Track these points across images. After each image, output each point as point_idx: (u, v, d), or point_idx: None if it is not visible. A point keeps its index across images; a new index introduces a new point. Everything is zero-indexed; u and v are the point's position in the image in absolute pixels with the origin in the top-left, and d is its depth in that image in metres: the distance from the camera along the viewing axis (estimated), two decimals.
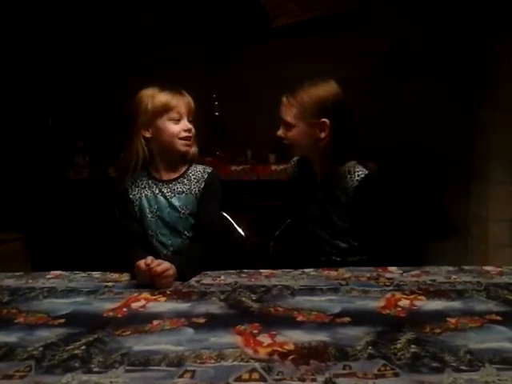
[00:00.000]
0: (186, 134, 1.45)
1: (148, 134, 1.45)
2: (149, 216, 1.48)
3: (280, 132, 1.48)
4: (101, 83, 3.04)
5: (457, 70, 2.84)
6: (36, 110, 3.03)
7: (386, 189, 1.55)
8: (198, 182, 1.50)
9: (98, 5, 2.95)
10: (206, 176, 1.51)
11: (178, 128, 1.44)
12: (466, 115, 2.91)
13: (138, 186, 1.50)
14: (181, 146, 1.46)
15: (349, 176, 1.46)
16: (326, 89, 1.43)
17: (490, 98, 2.79)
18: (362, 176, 1.45)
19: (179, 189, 1.49)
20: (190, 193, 1.49)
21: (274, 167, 2.82)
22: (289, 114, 1.43)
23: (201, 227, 1.48)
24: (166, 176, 1.50)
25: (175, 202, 1.48)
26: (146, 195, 1.49)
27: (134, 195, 1.49)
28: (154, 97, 1.43)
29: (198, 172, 1.52)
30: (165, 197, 1.48)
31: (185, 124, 1.45)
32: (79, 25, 3.00)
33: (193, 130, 1.47)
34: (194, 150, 1.50)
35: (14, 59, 2.93)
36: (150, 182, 1.50)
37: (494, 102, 2.74)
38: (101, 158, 2.96)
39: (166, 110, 1.42)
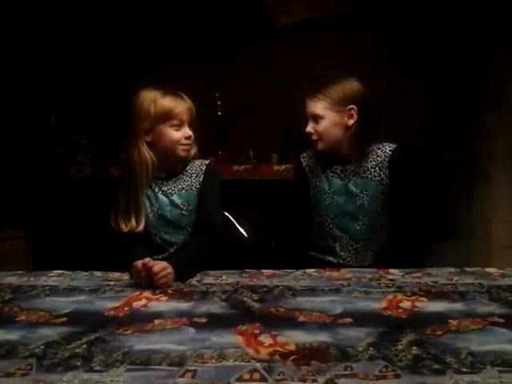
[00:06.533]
0: (186, 141, 1.46)
1: (148, 139, 1.44)
2: (150, 215, 1.48)
3: (309, 128, 1.52)
4: (103, 81, 3.04)
5: (460, 71, 2.83)
6: (39, 107, 3.03)
7: (415, 164, 1.56)
8: (197, 176, 1.51)
9: (100, 3, 2.95)
10: (204, 168, 1.52)
11: (179, 135, 1.44)
12: (470, 116, 2.90)
13: None
14: (181, 151, 1.46)
15: (379, 151, 1.52)
16: (349, 82, 1.51)
17: (493, 99, 2.78)
18: (393, 148, 1.51)
19: (179, 186, 1.50)
20: (191, 188, 1.50)
21: (276, 167, 2.81)
22: (318, 106, 1.48)
23: (202, 219, 1.49)
24: (165, 174, 1.50)
25: (176, 199, 1.48)
26: (146, 194, 1.48)
27: None
28: (156, 103, 1.41)
29: (197, 166, 1.53)
30: (165, 195, 1.49)
31: (185, 131, 1.45)
32: (81, 23, 3.00)
33: (192, 136, 1.47)
34: (194, 150, 1.51)
35: (16, 57, 2.93)
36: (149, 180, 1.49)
37: (498, 103, 2.74)
38: (104, 156, 2.96)
39: (168, 117, 1.42)
